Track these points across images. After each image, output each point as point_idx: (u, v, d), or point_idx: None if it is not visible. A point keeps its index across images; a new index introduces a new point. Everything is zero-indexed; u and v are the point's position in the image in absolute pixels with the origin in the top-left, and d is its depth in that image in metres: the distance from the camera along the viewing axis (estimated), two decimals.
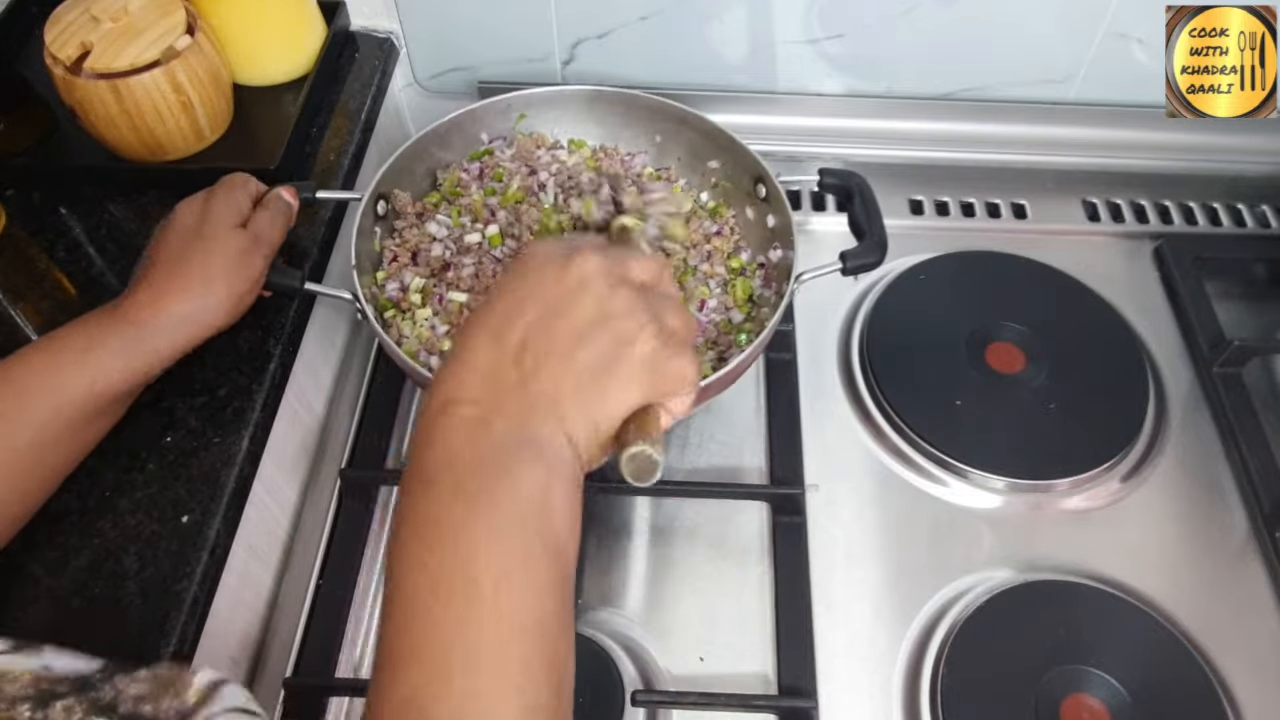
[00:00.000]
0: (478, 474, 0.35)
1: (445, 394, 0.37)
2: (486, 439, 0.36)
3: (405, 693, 0.32)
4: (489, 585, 0.33)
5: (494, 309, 0.39)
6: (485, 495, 0.34)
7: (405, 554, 0.34)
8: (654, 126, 0.79)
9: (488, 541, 0.33)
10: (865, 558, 0.66)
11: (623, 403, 0.38)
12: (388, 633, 0.33)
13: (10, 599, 0.51)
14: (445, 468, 0.35)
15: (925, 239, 0.85)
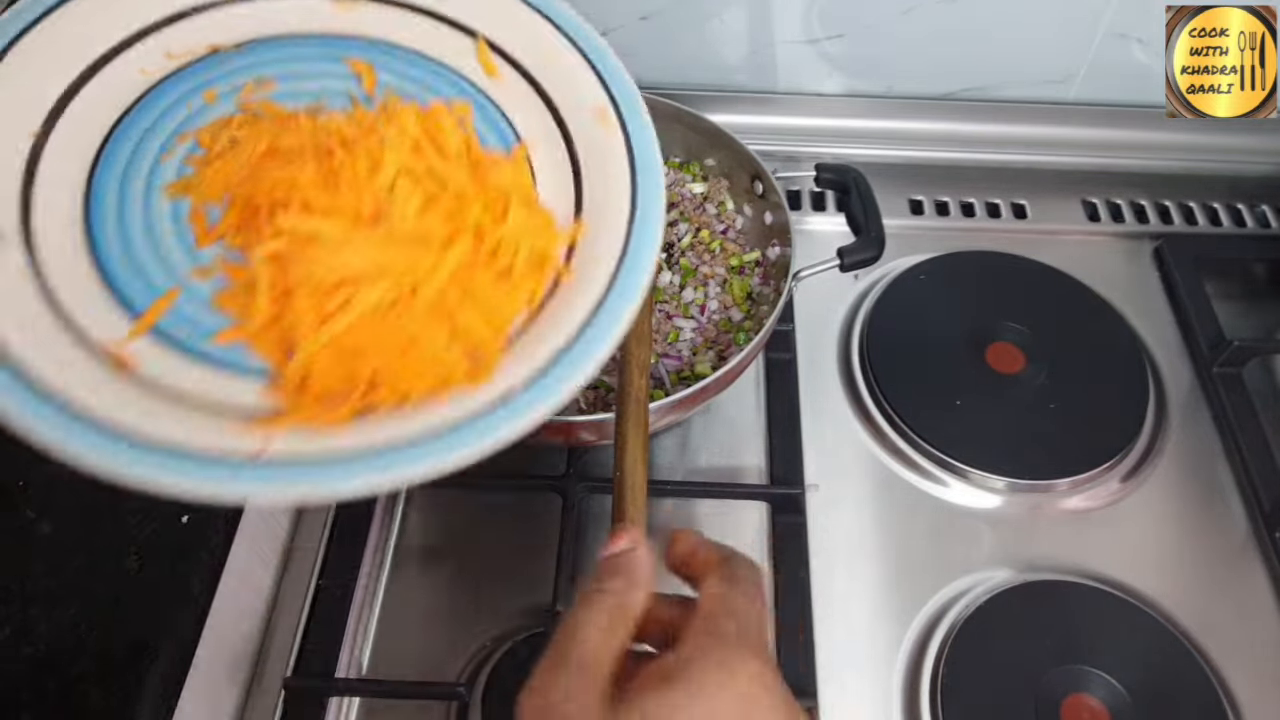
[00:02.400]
0: None
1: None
2: None
3: None
4: None
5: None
6: None
7: None
8: None
9: None
10: (865, 558, 0.66)
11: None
12: None
13: (11, 598, 0.51)
14: None
15: (925, 239, 0.85)
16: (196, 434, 0.37)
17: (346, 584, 0.64)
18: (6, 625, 0.50)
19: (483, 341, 0.41)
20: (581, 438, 0.63)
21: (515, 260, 0.43)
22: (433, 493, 0.71)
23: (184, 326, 0.41)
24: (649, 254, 0.43)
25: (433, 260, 0.41)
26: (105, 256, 0.41)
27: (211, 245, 0.42)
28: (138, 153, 0.44)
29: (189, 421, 0.38)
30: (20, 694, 0.48)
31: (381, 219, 0.42)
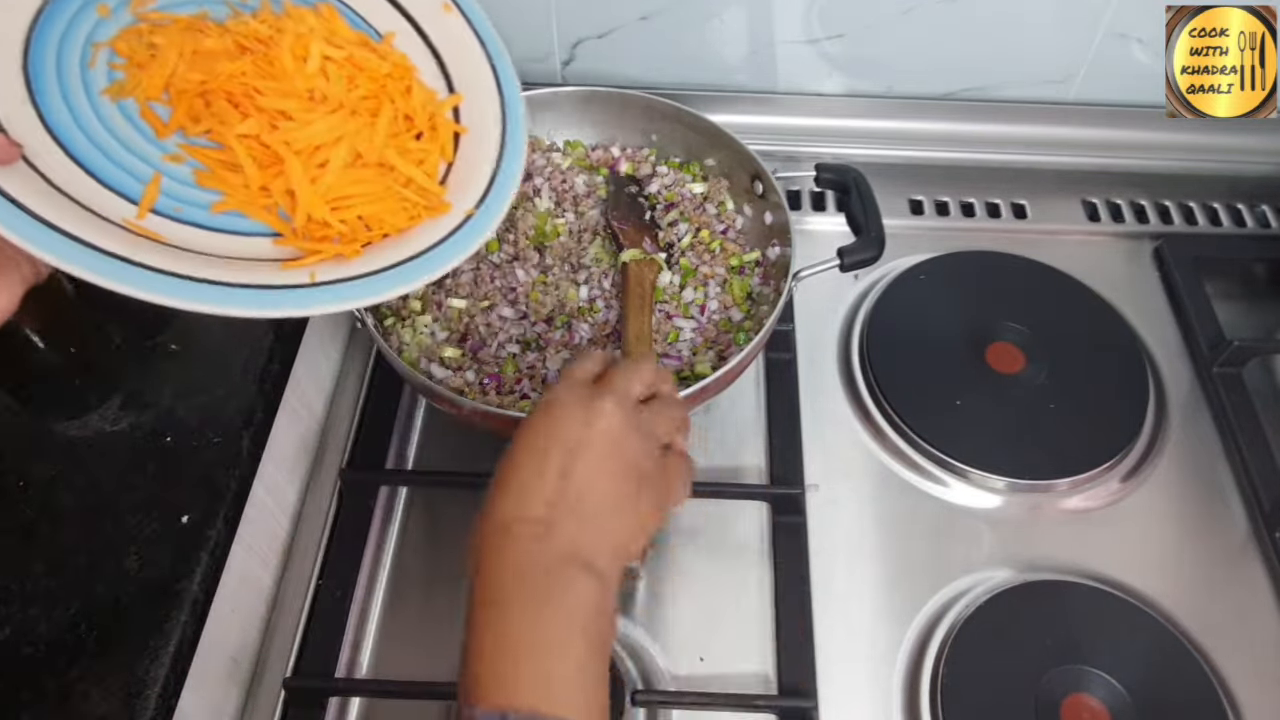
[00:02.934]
0: (546, 586, 0.39)
1: (504, 514, 0.41)
2: (548, 553, 0.40)
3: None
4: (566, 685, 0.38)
5: (530, 446, 0.43)
6: (554, 604, 0.39)
7: (497, 670, 0.38)
8: (650, 125, 0.79)
9: (561, 648, 0.38)
10: (865, 558, 0.66)
11: (644, 528, 0.44)
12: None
13: (11, 598, 0.51)
14: (515, 581, 0.40)
15: (925, 239, 0.85)
16: (258, 276, 0.47)
17: (346, 584, 0.64)
18: (6, 625, 0.50)
19: (425, 185, 0.54)
20: None
21: (426, 125, 0.56)
22: (432, 493, 0.71)
23: (180, 205, 0.49)
24: (519, 100, 0.60)
25: (369, 127, 0.53)
26: (86, 161, 0.47)
27: (171, 136, 0.50)
28: (62, 66, 0.49)
29: (243, 269, 0.47)
30: (20, 694, 0.48)
31: (322, 98, 0.52)
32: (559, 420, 0.43)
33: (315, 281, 0.48)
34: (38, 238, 0.42)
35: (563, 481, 0.41)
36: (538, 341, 0.67)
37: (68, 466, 0.56)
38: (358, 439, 0.72)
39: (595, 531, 0.41)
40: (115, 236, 0.45)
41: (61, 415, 0.59)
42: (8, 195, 0.42)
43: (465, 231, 0.54)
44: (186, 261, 0.46)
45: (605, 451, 0.43)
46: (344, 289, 0.48)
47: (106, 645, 0.49)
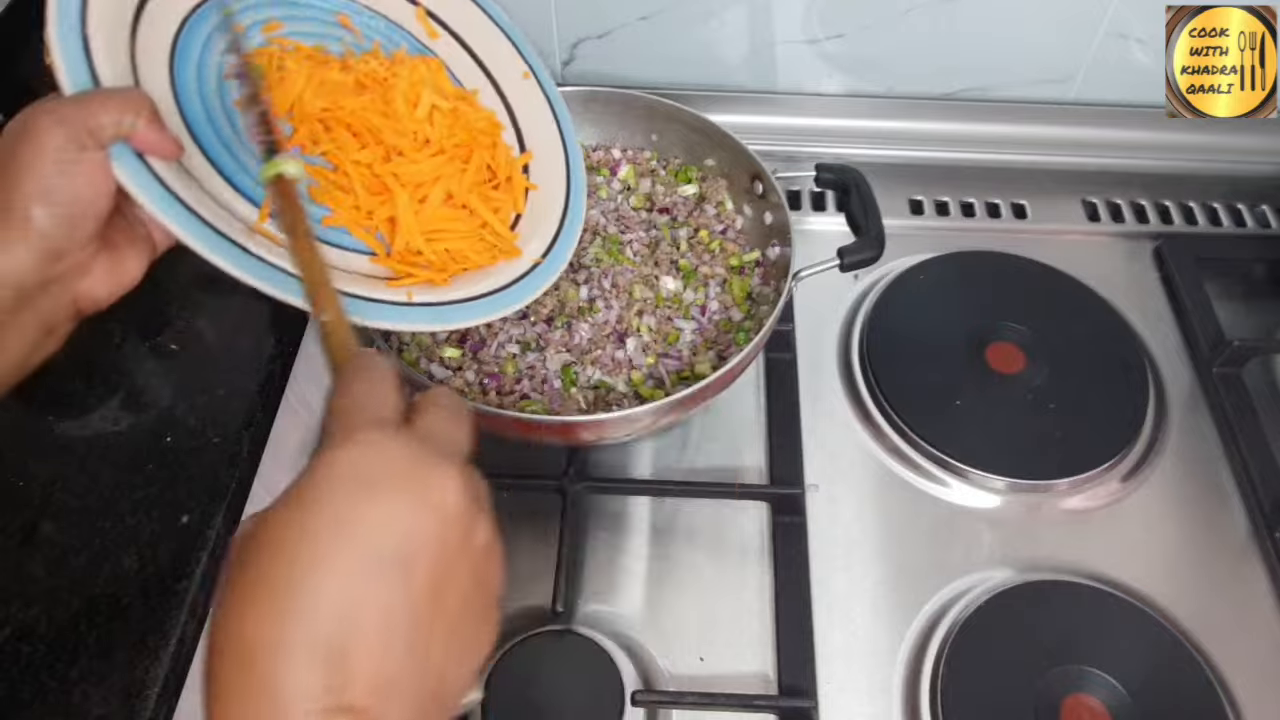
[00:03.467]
0: None
1: (296, 688, 0.25)
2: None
3: None
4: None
5: (323, 561, 0.27)
6: None
7: None
8: (650, 125, 0.79)
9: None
10: (865, 558, 0.66)
11: (478, 667, 0.32)
12: None
13: (11, 598, 0.51)
14: None
15: (925, 239, 0.85)
16: (362, 288, 0.51)
17: None
18: (6, 625, 0.50)
19: (499, 230, 0.60)
20: (581, 438, 0.64)
21: (504, 177, 0.62)
22: None
23: None
24: (581, 166, 0.67)
25: (461, 172, 0.58)
26: (218, 161, 0.50)
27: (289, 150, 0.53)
28: (202, 75, 0.52)
29: (348, 280, 0.51)
30: (20, 694, 0.48)
31: (425, 141, 0.58)
32: (391, 508, 0.28)
33: (412, 301, 0.52)
34: (176, 215, 0.44)
35: (411, 627, 0.28)
36: (538, 341, 0.67)
37: (68, 466, 0.56)
38: None
39: (436, 696, 0.29)
40: (240, 231, 0.47)
41: (61, 415, 0.59)
42: (154, 172, 0.44)
43: (535, 275, 0.60)
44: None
45: (453, 552, 0.29)
46: (439, 311, 0.53)
47: (106, 645, 0.50)
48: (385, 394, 0.32)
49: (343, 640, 0.26)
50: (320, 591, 0.26)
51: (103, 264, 0.45)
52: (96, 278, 0.45)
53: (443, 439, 0.32)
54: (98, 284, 0.46)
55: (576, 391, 0.64)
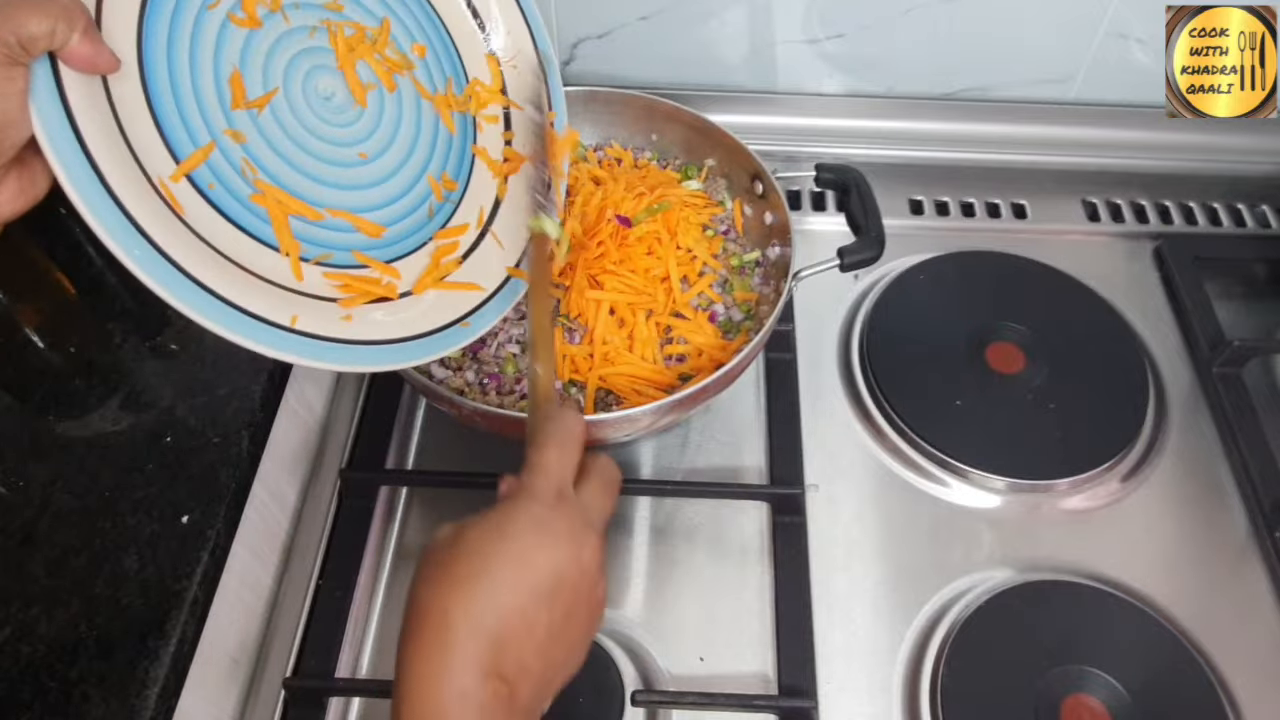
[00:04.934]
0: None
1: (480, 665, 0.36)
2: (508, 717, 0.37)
3: None
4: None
5: (529, 584, 0.38)
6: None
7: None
8: (650, 125, 0.79)
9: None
10: (865, 558, 0.66)
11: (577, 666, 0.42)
12: None
13: (11, 598, 0.51)
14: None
15: (925, 239, 0.85)
16: (243, 294, 0.46)
17: (346, 584, 0.64)
18: (6, 625, 0.50)
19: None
20: None
21: None
22: (432, 493, 0.71)
23: (215, 183, 0.48)
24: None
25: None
26: (155, 99, 0.46)
27: (243, 110, 0.51)
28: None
29: (236, 281, 0.47)
30: (20, 694, 0.48)
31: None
32: (555, 557, 0.38)
33: (295, 322, 0.48)
34: (67, 156, 0.40)
35: (546, 637, 0.38)
36: None
37: (68, 466, 0.56)
38: (358, 439, 0.72)
39: (546, 685, 0.39)
40: (139, 192, 0.43)
41: (61, 415, 0.59)
42: (65, 100, 0.41)
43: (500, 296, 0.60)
44: (196, 257, 0.45)
45: (583, 595, 0.39)
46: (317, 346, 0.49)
47: (106, 645, 0.49)
48: (571, 460, 0.43)
49: (504, 635, 0.36)
50: (500, 599, 0.37)
51: (12, 181, 0.42)
52: (4, 196, 0.42)
53: (595, 509, 0.42)
54: (5, 203, 0.42)
55: (576, 391, 0.64)
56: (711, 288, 0.71)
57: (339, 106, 0.56)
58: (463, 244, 0.60)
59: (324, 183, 0.54)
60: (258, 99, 0.51)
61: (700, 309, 0.69)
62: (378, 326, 0.53)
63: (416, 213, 0.59)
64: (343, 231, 0.55)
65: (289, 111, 0.53)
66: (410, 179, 0.59)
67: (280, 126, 0.53)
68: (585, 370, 0.64)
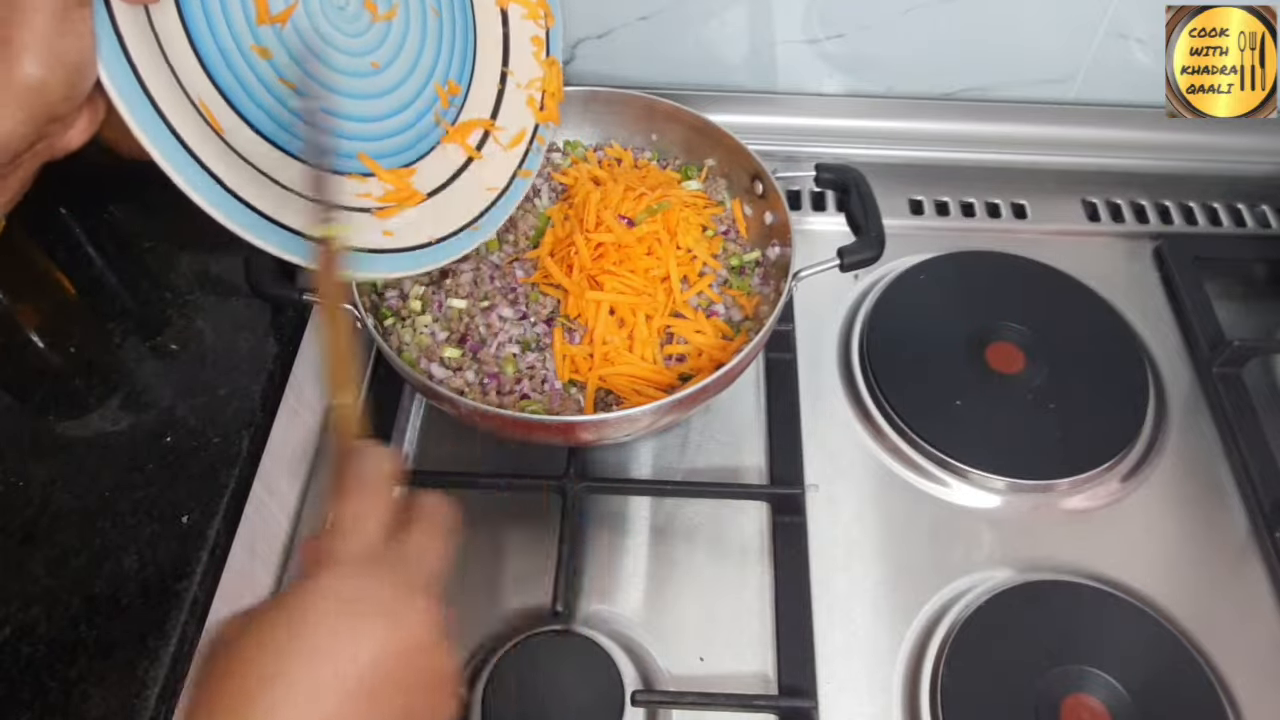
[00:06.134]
0: None
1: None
2: None
3: None
4: None
5: (312, 678, 0.30)
6: None
7: None
8: (650, 125, 0.79)
9: None
10: (865, 558, 0.66)
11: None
12: None
13: (11, 598, 0.51)
14: None
15: (925, 239, 0.85)
16: (281, 209, 0.49)
17: None
18: (6, 625, 0.50)
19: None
20: (581, 438, 0.64)
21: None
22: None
23: (250, 100, 0.51)
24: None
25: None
26: (191, 22, 0.48)
27: (269, 25, 0.52)
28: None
29: (274, 196, 0.49)
30: (20, 694, 0.48)
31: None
32: (366, 643, 0.31)
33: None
34: (125, 87, 0.42)
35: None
36: (538, 342, 0.67)
37: (68, 466, 0.56)
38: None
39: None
40: (186, 117, 0.46)
41: (61, 415, 0.59)
42: (119, 34, 0.42)
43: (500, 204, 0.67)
44: (238, 175, 0.48)
45: (415, 678, 0.32)
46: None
47: (106, 645, 0.50)
48: (378, 507, 0.35)
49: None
50: (301, 711, 0.29)
51: (85, 115, 0.42)
52: (78, 129, 0.42)
53: (421, 563, 0.35)
54: (77, 134, 0.42)
55: (576, 391, 0.64)
56: (711, 288, 0.71)
57: (352, 15, 0.58)
58: (472, 141, 0.66)
59: (342, 93, 0.57)
60: (280, 13, 0.53)
61: (700, 309, 0.69)
62: (407, 234, 0.57)
63: (425, 118, 0.63)
64: (355, 140, 0.58)
65: (308, 23, 0.55)
66: (419, 85, 0.63)
67: (301, 39, 0.54)
68: (585, 370, 0.64)
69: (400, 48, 0.61)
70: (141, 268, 0.67)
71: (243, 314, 0.64)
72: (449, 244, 0.62)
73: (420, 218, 0.60)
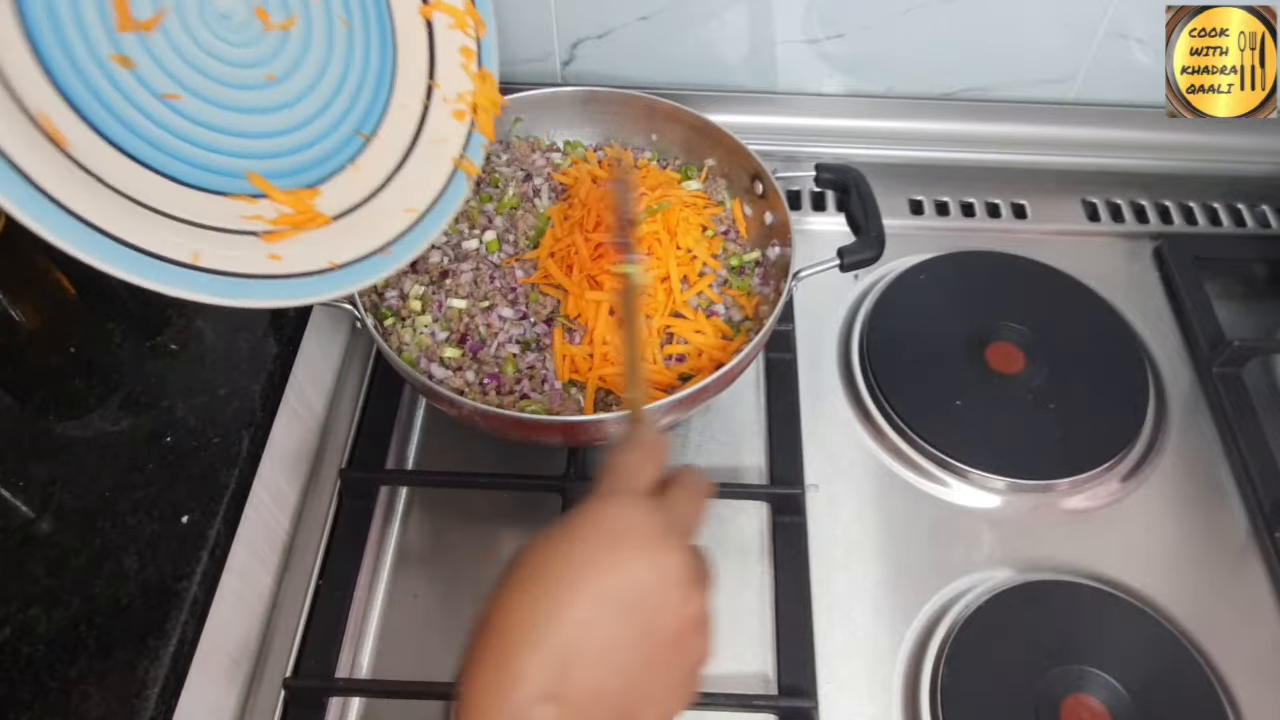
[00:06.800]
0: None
1: (531, 686, 0.32)
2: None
3: None
4: None
5: (586, 590, 0.33)
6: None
7: None
8: (650, 125, 0.79)
9: None
10: (865, 558, 0.66)
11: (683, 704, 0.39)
12: None
13: (11, 598, 0.51)
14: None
15: (925, 239, 0.85)
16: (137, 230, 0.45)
17: (346, 584, 0.64)
18: (6, 625, 0.50)
19: None
20: (581, 438, 0.64)
21: None
22: (432, 493, 0.71)
23: (107, 113, 0.46)
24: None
25: None
26: (32, 25, 0.44)
27: (131, 32, 0.48)
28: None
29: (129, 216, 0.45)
30: (20, 694, 0.48)
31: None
32: (627, 559, 0.34)
33: (198, 258, 0.47)
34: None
35: (628, 659, 0.33)
36: (538, 342, 0.67)
37: (68, 466, 0.56)
38: (358, 439, 0.72)
39: (622, 717, 0.34)
40: (10, 126, 0.42)
41: (61, 415, 0.59)
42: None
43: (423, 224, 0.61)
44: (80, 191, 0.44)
45: (669, 610, 0.34)
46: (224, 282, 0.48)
47: (106, 645, 0.49)
48: (649, 468, 0.39)
49: (567, 651, 0.32)
50: (561, 608, 0.33)
51: None
52: None
53: (681, 517, 0.38)
54: None
55: (576, 391, 0.64)
56: (711, 288, 0.71)
57: (240, 24, 0.54)
58: (389, 162, 0.59)
59: (227, 107, 0.52)
60: (146, 20, 0.48)
61: (700, 309, 0.69)
62: (299, 259, 0.51)
63: (338, 131, 0.58)
64: (244, 157, 0.53)
65: (183, 33, 0.50)
66: (324, 100, 0.57)
67: (174, 49, 0.50)
68: (585, 370, 0.64)
69: (300, 60, 0.56)
70: None
71: (243, 314, 0.64)
72: (352, 270, 0.55)
73: (319, 241, 0.54)
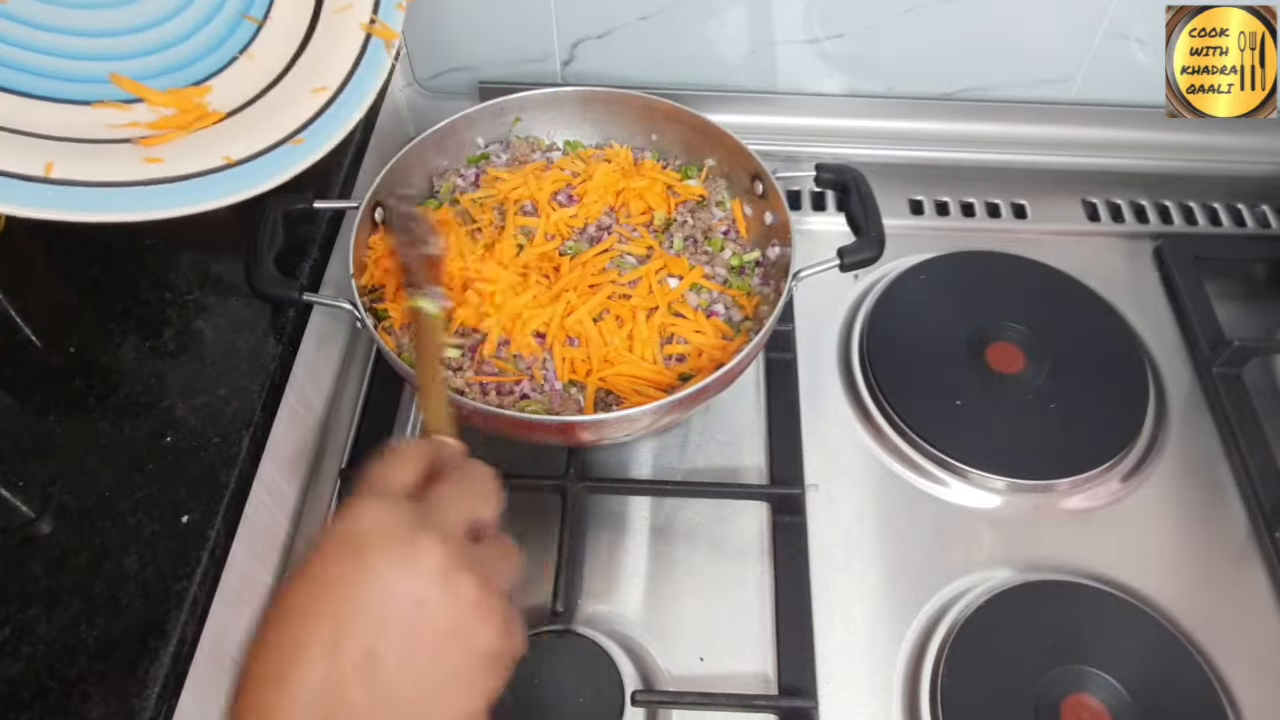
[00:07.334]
0: None
1: (275, 712, 0.30)
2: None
3: None
4: None
5: (315, 611, 0.32)
6: None
7: None
8: (650, 125, 0.79)
9: None
10: (865, 558, 0.66)
11: (478, 708, 0.35)
12: None
13: (11, 598, 0.51)
14: None
15: (925, 239, 0.85)
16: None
17: None
18: (6, 625, 0.50)
19: None
20: (581, 438, 0.64)
21: None
22: None
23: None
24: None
25: None
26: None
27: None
28: None
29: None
30: (20, 694, 0.48)
31: None
32: (373, 570, 0.32)
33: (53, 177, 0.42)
34: None
35: (367, 664, 0.31)
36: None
37: (68, 466, 0.56)
38: (358, 439, 0.72)
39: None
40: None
41: (61, 415, 0.59)
42: None
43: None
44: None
45: (432, 605, 0.32)
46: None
47: (106, 645, 0.49)
48: (400, 471, 0.36)
49: (327, 690, 0.30)
50: (311, 646, 0.31)
51: None
52: None
53: (441, 509, 0.35)
54: None
55: (576, 391, 0.64)
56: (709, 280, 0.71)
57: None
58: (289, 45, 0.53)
59: (68, 4, 0.48)
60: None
61: (700, 309, 0.69)
62: (184, 160, 0.45)
63: (218, 18, 0.52)
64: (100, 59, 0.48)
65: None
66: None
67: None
68: (585, 370, 0.64)
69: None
70: (141, 267, 0.67)
71: (243, 314, 0.64)
72: (258, 165, 0.49)
73: (211, 140, 0.48)
